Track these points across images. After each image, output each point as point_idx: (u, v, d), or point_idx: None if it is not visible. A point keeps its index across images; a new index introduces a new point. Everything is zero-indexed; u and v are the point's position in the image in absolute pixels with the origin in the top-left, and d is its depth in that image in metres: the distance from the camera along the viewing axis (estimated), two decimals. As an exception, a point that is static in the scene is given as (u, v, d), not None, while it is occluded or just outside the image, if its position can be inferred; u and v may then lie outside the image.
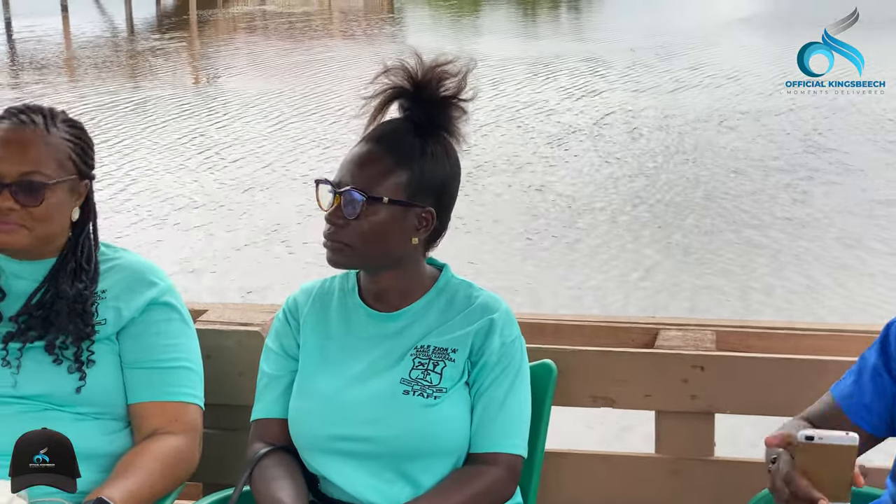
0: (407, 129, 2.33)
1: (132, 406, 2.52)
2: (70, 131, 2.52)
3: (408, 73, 2.35)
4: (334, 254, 2.33)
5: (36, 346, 2.47)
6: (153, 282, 2.57)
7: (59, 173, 2.47)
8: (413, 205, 2.31)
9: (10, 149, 2.45)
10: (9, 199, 2.42)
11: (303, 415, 2.39)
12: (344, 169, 2.33)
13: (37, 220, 2.45)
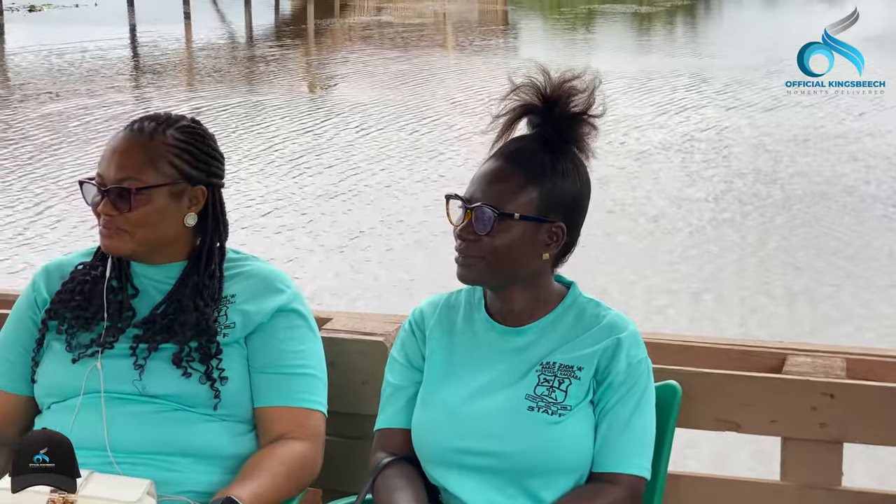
0: (537, 146, 2.33)
1: (258, 410, 2.54)
2: (180, 137, 2.53)
3: (537, 90, 2.34)
4: (466, 269, 2.33)
5: (164, 350, 2.50)
6: (281, 289, 2.59)
7: (155, 178, 2.49)
8: (544, 221, 2.30)
9: (112, 157, 2.50)
10: (107, 205, 2.47)
11: (426, 426, 2.39)
12: (475, 185, 2.32)
13: (135, 224, 2.49)
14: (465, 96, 17.24)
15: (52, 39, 24.85)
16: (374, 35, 27.66)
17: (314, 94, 18.81)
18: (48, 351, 2.57)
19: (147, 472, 2.41)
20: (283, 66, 21.79)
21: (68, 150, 13.64)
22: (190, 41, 26.65)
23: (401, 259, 9.36)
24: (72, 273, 2.62)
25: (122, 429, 2.45)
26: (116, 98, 17.42)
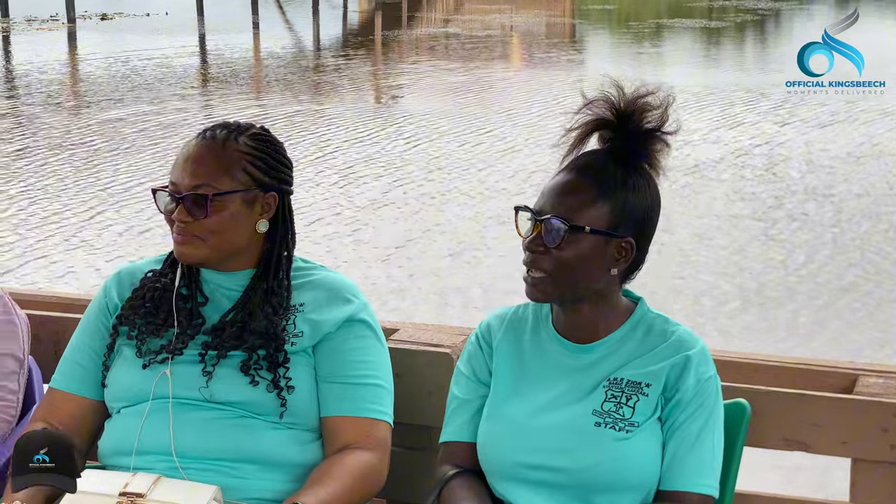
0: (609, 160, 2.32)
1: (325, 419, 2.55)
2: (252, 145, 2.55)
3: (611, 105, 2.34)
4: (534, 287, 2.32)
5: (232, 357, 2.52)
6: (349, 299, 2.60)
7: (229, 185, 2.51)
8: (614, 235, 2.29)
9: (187, 164, 2.51)
10: (182, 212, 2.49)
11: (492, 440, 2.39)
12: (545, 197, 2.32)
13: (210, 231, 2.50)
14: (523, 109, 17.21)
15: (121, 47, 25.17)
16: (440, 47, 27.72)
17: (380, 105, 18.89)
18: (118, 356, 2.60)
19: (213, 478, 2.43)
20: (350, 76, 21.89)
21: (123, 156, 13.80)
22: (258, 50, 26.87)
23: (442, 269, 9.38)
24: (142, 280, 2.65)
25: (190, 435, 2.47)
26: (177, 105, 17.59)
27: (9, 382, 2.80)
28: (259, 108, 17.59)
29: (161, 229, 10.20)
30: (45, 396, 2.68)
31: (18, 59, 24.42)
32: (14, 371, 2.82)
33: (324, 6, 35.41)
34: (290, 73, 22.32)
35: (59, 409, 2.62)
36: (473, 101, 18.37)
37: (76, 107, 17.78)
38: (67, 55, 25.51)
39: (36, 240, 10.13)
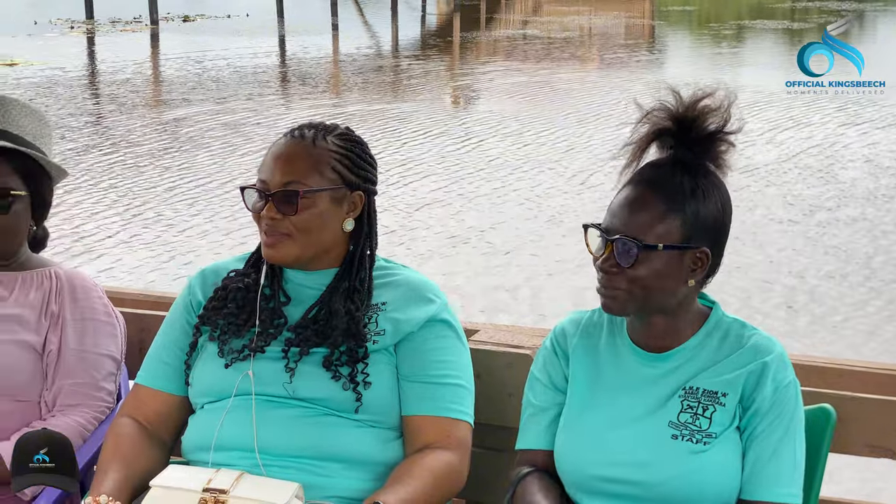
0: (674, 169, 2.29)
1: (406, 418, 2.56)
2: (339, 144, 2.58)
3: (669, 113, 2.30)
4: (610, 301, 2.30)
5: (315, 354, 2.53)
6: (431, 299, 2.61)
7: (319, 182, 2.52)
8: (688, 247, 2.27)
9: (276, 162, 2.53)
10: (272, 209, 2.51)
11: (568, 452, 2.38)
12: (614, 215, 2.29)
13: (299, 229, 2.52)
14: (594, 110, 17.13)
15: (202, 48, 25.45)
16: (517, 48, 27.69)
17: (456, 106, 18.92)
18: (202, 354, 2.63)
19: (295, 475, 2.44)
20: (427, 77, 21.95)
21: (176, 155, 13.95)
22: (337, 52, 27.03)
23: (491, 270, 9.37)
24: (224, 280, 2.67)
25: (272, 431, 2.49)
26: (244, 105, 17.76)
27: (107, 384, 2.85)
28: (337, 108, 17.70)
29: (211, 227, 10.34)
30: (130, 392, 2.71)
31: (101, 60, 24.81)
32: (112, 372, 2.87)
33: (403, 8, 35.56)
34: (369, 74, 22.42)
35: (144, 405, 2.66)
36: (549, 102, 18.33)
37: (153, 105, 18.02)
38: (150, 56, 25.86)
39: (81, 236, 10.26)
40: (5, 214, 2.78)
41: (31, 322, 2.80)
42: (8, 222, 2.79)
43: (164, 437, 2.65)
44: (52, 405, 2.79)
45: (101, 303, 2.89)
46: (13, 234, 2.82)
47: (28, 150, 2.81)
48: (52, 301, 2.84)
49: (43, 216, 2.92)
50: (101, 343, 2.85)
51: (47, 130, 2.93)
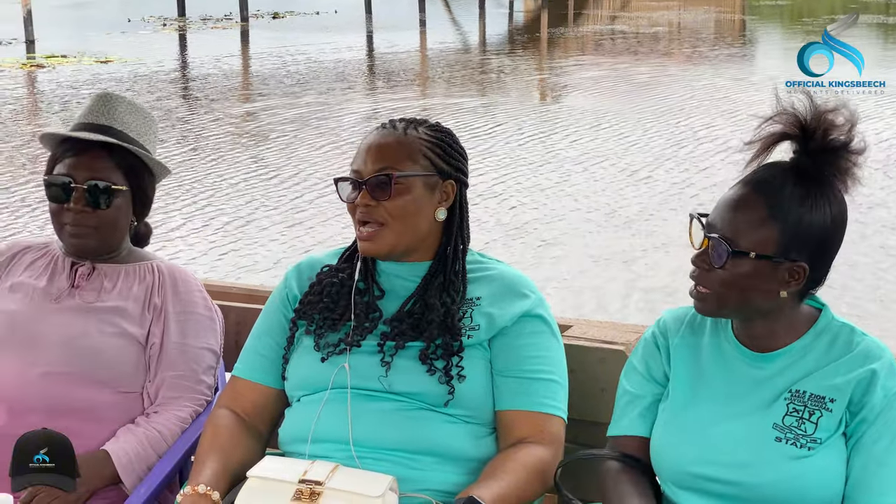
0: (788, 176, 2.24)
1: (500, 413, 2.56)
2: (430, 133, 2.61)
3: (796, 119, 2.26)
4: (700, 302, 2.29)
5: (410, 348, 2.55)
6: (526, 294, 2.61)
7: (412, 168, 2.55)
8: (783, 260, 2.22)
9: (369, 152, 2.57)
10: (366, 196, 2.54)
11: (667, 447, 2.36)
12: (718, 210, 2.26)
13: (394, 216, 2.54)
14: (688, 106, 16.97)
15: (291, 44, 25.66)
16: (605, 44, 27.53)
17: (544, 102, 18.88)
18: (298, 348, 2.65)
19: (389, 468, 2.46)
20: (515, 73, 21.92)
21: (240, 149, 14.06)
22: (424, 48, 27.10)
23: (543, 262, 9.34)
24: (318, 276, 2.70)
25: (367, 425, 2.51)
26: (318, 100, 17.86)
27: (207, 377, 2.90)
28: (424, 103, 17.75)
29: (262, 220, 10.42)
30: (227, 384, 2.75)
31: (192, 56, 25.14)
32: (211, 365, 2.91)
33: (490, 4, 35.54)
34: (454, 70, 22.44)
35: (241, 397, 2.69)
36: (627, 98, 18.21)
37: (242, 100, 18.21)
38: (240, 52, 26.13)
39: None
40: (106, 208, 2.83)
41: (135, 315, 2.85)
42: (108, 216, 2.84)
43: (261, 428, 2.69)
44: (155, 397, 2.84)
45: (201, 297, 2.94)
46: (113, 227, 2.87)
47: (131, 147, 2.86)
48: (155, 294, 2.89)
49: (144, 212, 2.97)
50: (202, 336, 2.90)
51: (152, 128, 2.98)
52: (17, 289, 2.89)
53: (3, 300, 2.88)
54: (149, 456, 2.74)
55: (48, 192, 2.85)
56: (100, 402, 2.78)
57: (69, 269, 2.90)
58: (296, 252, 9.58)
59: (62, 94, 19.03)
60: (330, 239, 9.87)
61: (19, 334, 2.81)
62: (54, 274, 2.90)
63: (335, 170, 12.45)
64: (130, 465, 2.70)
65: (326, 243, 9.68)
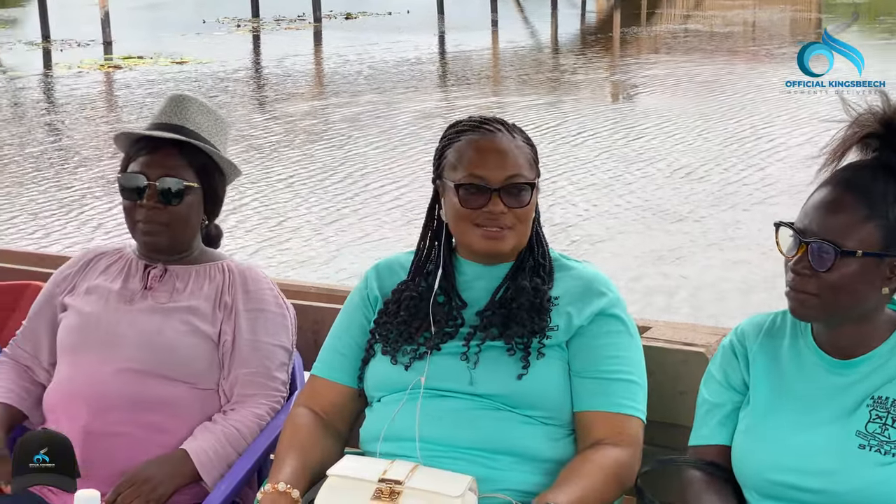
0: (877, 174, 2.21)
1: (578, 413, 2.55)
2: (524, 138, 2.63)
3: (877, 116, 2.23)
4: (799, 305, 2.25)
5: (494, 344, 2.55)
6: (603, 292, 2.60)
7: (530, 174, 2.59)
8: (888, 255, 2.19)
9: (491, 156, 2.56)
10: (499, 203, 2.54)
11: (749, 455, 2.34)
12: (809, 215, 2.23)
13: (522, 220, 2.57)
14: (760, 108, 16.82)
15: (362, 44, 25.78)
16: (678, 43, 27.33)
17: (615, 102, 18.80)
18: (377, 353, 2.66)
19: (468, 468, 2.46)
20: (587, 73, 21.84)
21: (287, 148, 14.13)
22: (496, 47, 27.08)
23: (585, 258, 9.33)
24: (393, 292, 2.68)
25: (447, 425, 2.51)
26: (387, 98, 17.92)
27: (280, 373, 2.92)
28: (496, 102, 17.75)
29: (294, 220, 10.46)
30: (307, 383, 2.77)
31: (266, 56, 25.34)
32: (284, 362, 2.93)
33: (562, 4, 35.43)
34: (525, 69, 22.40)
35: (320, 395, 2.71)
36: (706, 96, 18.07)
37: (315, 96, 18.33)
38: (312, 52, 26.30)
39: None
40: (178, 205, 2.86)
41: (206, 313, 2.88)
42: (180, 213, 2.87)
43: (340, 427, 2.70)
44: (230, 394, 2.87)
45: (271, 294, 2.96)
46: (184, 224, 2.90)
47: (202, 146, 2.89)
48: (226, 293, 2.91)
49: (215, 212, 3.00)
50: (273, 333, 2.92)
51: (223, 129, 3.01)
52: (92, 291, 2.94)
53: (80, 303, 2.93)
54: (228, 453, 2.76)
55: (122, 189, 2.89)
56: (178, 398, 2.81)
57: (142, 271, 2.94)
58: (350, 247, 9.67)
59: (138, 94, 19.28)
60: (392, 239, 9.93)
61: (96, 335, 2.86)
62: (128, 277, 2.95)
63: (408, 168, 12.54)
64: (210, 463, 2.73)
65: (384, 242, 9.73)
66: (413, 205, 10.78)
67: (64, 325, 2.93)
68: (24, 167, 13.36)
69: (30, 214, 11.15)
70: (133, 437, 2.76)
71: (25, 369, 2.98)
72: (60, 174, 12.91)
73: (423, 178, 10.38)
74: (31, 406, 2.93)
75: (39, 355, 2.98)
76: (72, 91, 19.80)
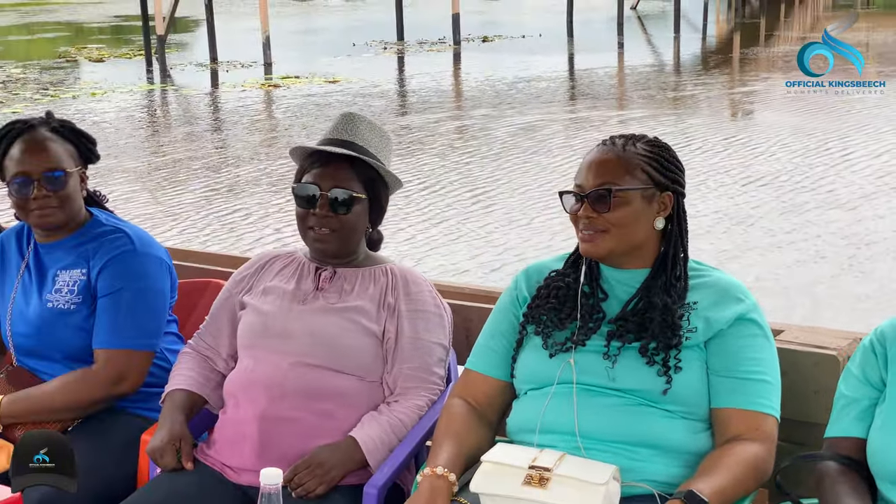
0: None
1: (715, 410, 2.53)
2: (647, 149, 2.60)
3: None
4: None
5: (632, 346, 2.54)
6: (740, 299, 2.57)
7: (630, 183, 2.55)
8: None
9: (590, 168, 2.59)
10: (588, 209, 2.55)
11: (884, 447, 2.31)
12: None
13: (613, 224, 2.54)
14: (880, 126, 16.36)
15: (497, 65, 25.81)
16: (795, 64, 26.75)
17: (734, 120, 18.49)
18: (527, 346, 2.68)
19: (612, 458, 2.46)
20: (707, 92, 21.53)
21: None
22: (622, 68, 26.88)
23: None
24: (545, 280, 2.71)
25: (592, 418, 2.51)
26: (547, 115, 17.89)
27: (438, 369, 2.94)
28: (620, 120, 17.63)
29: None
30: (461, 376, 2.79)
31: (409, 75, 25.58)
32: (441, 358, 2.95)
33: (685, 28, 34.99)
34: (651, 89, 22.20)
35: (473, 388, 2.73)
36: (825, 117, 17.64)
37: (457, 108, 18.43)
38: (452, 71, 26.44)
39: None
40: (347, 214, 2.90)
41: (372, 313, 2.91)
42: (349, 221, 2.92)
43: (491, 417, 2.72)
44: (393, 387, 2.89)
45: (430, 295, 2.98)
46: (352, 231, 2.94)
47: (370, 160, 2.93)
48: (389, 294, 2.94)
49: (378, 220, 3.04)
50: (432, 332, 2.94)
51: (387, 145, 3.05)
52: (269, 292, 3.00)
53: (258, 302, 2.99)
54: (391, 441, 2.79)
55: (296, 198, 2.94)
56: (347, 389, 2.85)
57: (313, 273, 2.99)
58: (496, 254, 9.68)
59: (294, 109, 19.61)
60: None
61: (273, 331, 2.92)
62: (301, 278, 2.99)
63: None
64: (376, 450, 2.76)
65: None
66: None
67: (244, 321, 2.99)
68: (198, 174, 13.68)
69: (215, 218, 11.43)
70: (305, 423, 2.81)
71: (206, 359, 3.05)
72: (234, 185, 13.17)
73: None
74: (211, 393, 3.00)
75: (219, 347, 3.05)
76: (236, 107, 20.25)
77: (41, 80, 24.08)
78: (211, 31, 27.60)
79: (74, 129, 3.20)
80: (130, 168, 14.16)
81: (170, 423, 2.86)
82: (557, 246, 9.26)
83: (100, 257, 3.13)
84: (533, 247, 9.82)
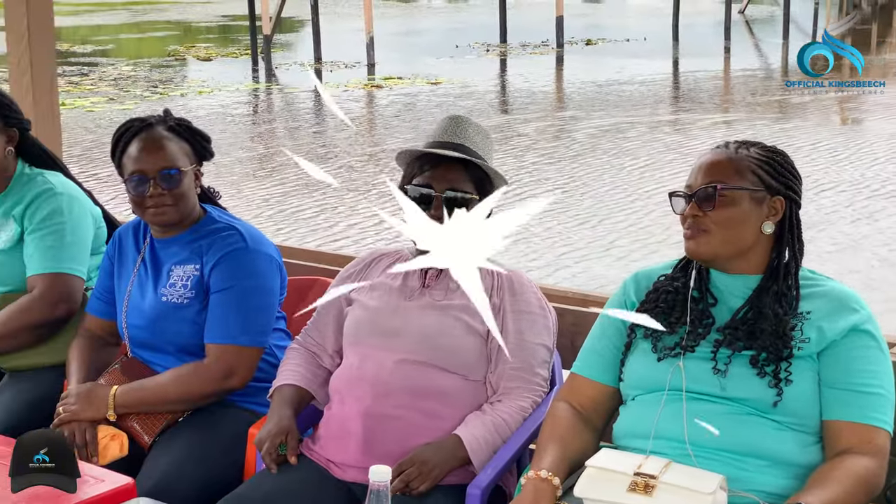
0: None
1: (826, 422, 2.49)
2: (760, 153, 2.58)
3: None
4: None
5: (742, 355, 2.51)
6: (855, 309, 2.53)
7: (739, 183, 2.53)
8: None
9: (700, 168, 2.58)
10: (694, 207, 2.54)
11: None
12: None
13: (718, 224, 2.53)
14: None
15: (600, 69, 25.65)
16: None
17: (844, 125, 18.14)
18: (635, 351, 2.66)
19: (719, 467, 2.43)
20: (816, 97, 21.15)
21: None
22: (728, 73, 26.52)
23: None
24: (655, 284, 2.70)
25: (700, 426, 2.48)
26: (653, 119, 17.73)
27: (542, 370, 2.95)
28: (725, 125, 17.40)
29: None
30: (567, 380, 2.78)
31: (511, 77, 25.57)
32: (545, 360, 2.96)
33: (794, 32, 34.40)
34: (758, 94, 21.87)
35: (579, 392, 2.72)
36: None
37: (555, 110, 18.37)
38: (553, 75, 26.37)
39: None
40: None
41: (477, 312, 2.92)
42: None
43: (596, 422, 2.71)
44: (497, 387, 2.90)
45: (535, 297, 2.98)
46: None
47: (479, 161, 2.95)
48: (494, 294, 2.95)
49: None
50: (537, 333, 2.94)
51: (490, 144, 3.08)
52: (376, 288, 3.03)
53: (365, 298, 3.02)
54: (495, 441, 2.80)
55: (410, 199, 2.96)
56: (451, 388, 2.87)
57: (420, 270, 3.01)
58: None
59: (397, 108, 19.75)
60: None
61: (379, 327, 2.94)
62: (408, 275, 3.02)
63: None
64: (480, 450, 2.77)
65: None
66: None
67: (351, 317, 3.03)
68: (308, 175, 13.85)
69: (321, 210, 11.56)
70: (410, 421, 2.84)
71: (313, 355, 3.10)
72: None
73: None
74: (318, 388, 3.05)
75: (326, 343, 3.09)
76: (340, 106, 20.46)
77: (151, 77, 24.63)
78: (316, 31, 27.92)
79: (190, 128, 3.27)
80: (234, 161, 14.42)
81: (278, 417, 2.91)
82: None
83: (213, 254, 3.20)
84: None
